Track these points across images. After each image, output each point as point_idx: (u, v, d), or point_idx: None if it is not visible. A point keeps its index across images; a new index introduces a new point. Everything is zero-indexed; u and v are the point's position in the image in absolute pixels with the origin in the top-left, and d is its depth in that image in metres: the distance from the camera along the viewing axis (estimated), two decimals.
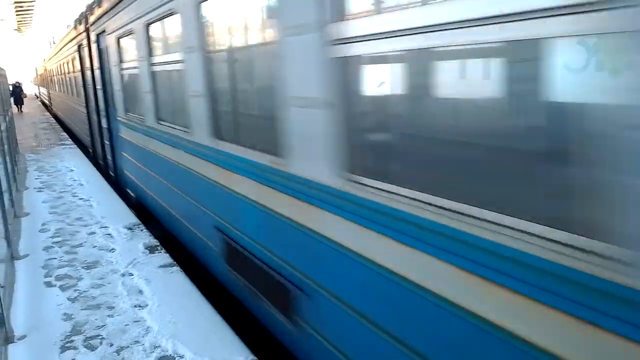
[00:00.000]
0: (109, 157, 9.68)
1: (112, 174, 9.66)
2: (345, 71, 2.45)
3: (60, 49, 17.86)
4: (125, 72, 7.04)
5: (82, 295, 4.59)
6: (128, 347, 3.68)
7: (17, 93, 30.00)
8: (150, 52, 5.61)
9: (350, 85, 2.48)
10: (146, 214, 7.10)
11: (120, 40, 6.92)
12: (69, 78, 15.96)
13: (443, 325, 2.06)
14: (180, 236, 5.68)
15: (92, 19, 9.03)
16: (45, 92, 35.72)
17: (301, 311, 3.11)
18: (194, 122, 4.47)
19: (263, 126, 3.42)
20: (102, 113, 9.40)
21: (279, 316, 3.41)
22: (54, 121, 23.55)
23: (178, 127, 5.08)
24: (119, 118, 7.88)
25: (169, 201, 5.84)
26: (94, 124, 11.02)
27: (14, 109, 27.37)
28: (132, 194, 7.97)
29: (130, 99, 7.05)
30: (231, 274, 4.15)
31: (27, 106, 34.96)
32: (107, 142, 9.56)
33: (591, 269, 1.47)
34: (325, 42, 2.47)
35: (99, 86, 9.37)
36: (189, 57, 4.29)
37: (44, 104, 38.83)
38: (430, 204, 2.02)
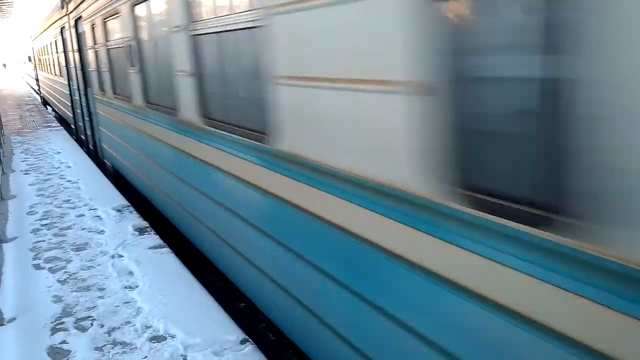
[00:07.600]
0: (89, 132, 10.61)
1: (92, 147, 10.61)
2: None
3: (45, 30, 17.93)
4: (97, 53, 8.14)
5: (71, 277, 4.57)
6: (119, 327, 3.68)
7: None
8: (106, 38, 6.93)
9: None
10: (120, 178, 8.00)
11: (93, 26, 7.95)
12: (54, 59, 16.22)
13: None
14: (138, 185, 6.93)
15: (70, 6, 9.88)
16: (33, 73, 34.70)
17: None
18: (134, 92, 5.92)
19: None
20: (82, 92, 10.29)
21: None
22: (40, 102, 23.12)
23: (121, 97, 6.62)
24: (95, 95, 8.91)
25: (130, 159, 7.09)
26: (76, 102, 11.80)
27: None
28: (108, 164, 8.80)
29: (102, 78, 8.03)
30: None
31: (16, 84, 33.96)
32: (87, 119, 10.51)
33: None
34: None
35: (78, 67, 10.23)
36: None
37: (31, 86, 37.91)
38: None
